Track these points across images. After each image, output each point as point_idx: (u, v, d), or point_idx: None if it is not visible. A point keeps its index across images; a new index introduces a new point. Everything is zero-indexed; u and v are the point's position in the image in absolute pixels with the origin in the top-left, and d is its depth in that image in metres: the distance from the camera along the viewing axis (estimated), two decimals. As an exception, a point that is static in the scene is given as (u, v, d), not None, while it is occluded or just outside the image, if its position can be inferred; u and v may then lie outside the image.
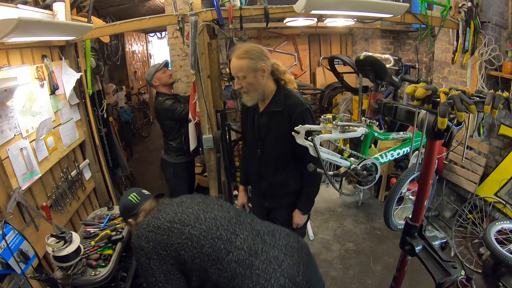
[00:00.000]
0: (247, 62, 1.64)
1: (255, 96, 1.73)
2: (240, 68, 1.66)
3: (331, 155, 2.43)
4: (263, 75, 1.69)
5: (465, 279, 1.24)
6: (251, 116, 1.87)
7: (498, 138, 2.83)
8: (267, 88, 1.75)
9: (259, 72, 1.67)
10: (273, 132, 1.79)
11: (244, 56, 1.65)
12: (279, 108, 1.74)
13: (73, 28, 1.93)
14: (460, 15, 2.74)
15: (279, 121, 1.76)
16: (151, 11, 5.15)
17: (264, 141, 1.83)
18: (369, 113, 2.52)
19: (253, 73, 1.66)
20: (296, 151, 1.77)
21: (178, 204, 1.29)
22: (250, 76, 1.66)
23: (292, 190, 1.90)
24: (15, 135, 1.62)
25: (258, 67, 1.66)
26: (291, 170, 1.86)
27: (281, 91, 1.77)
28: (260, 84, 1.70)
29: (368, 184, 2.56)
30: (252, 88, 1.70)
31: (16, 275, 1.39)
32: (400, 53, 4.32)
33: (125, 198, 1.44)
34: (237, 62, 1.66)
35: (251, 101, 1.75)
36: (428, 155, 1.26)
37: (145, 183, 4.30)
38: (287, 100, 1.75)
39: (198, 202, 1.31)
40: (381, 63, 2.31)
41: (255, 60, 1.65)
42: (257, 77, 1.68)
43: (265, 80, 1.71)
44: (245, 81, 1.67)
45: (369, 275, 2.61)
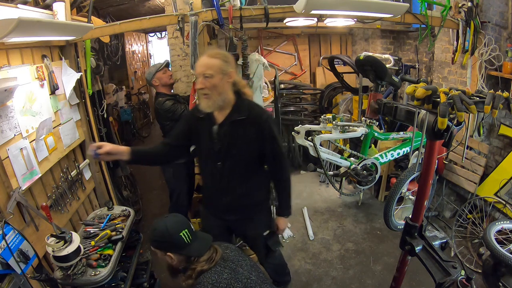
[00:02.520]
0: (219, 62, 1.59)
1: (216, 101, 1.63)
2: (211, 66, 1.58)
3: (331, 155, 2.44)
4: (229, 82, 1.64)
5: (465, 279, 1.24)
6: (206, 128, 1.74)
7: (498, 138, 2.83)
8: (228, 96, 1.68)
9: (226, 76, 1.62)
10: (238, 141, 1.70)
11: (217, 56, 1.61)
12: (243, 117, 1.67)
13: (73, 28, 1.93)
14: (460, 15, 2.74)
15: (244, 131, 1.69)
16: (151, 11, 5.15)
17: (228, 153, 1.72)
18: (369, 113, 2.53)
19: (221, 75, 1.60)
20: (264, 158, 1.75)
21: (235, 278, 1.34)
22: (217, 77, 1.59)
23: (258, 200, 1.88)
24: (15, 135, 1.62)
25: (227, 71, 1.61)
26: (256, 180, 1.82)
27: (243, 100, 1.72)
28: (223, 89, 1.63)
29: (368, 184, 2.57)
30: (215, 91, 1.61)
31: (16, 275, 1.39)
32: (400, 53, 4.32)
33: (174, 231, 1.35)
34: (208, 59, 1.60)
35: (210, 107, 1.65)
36: (428, 155, 1.26)
37: (145, 183, 4.30)
38: (251, 109, 1.71)
39: (248, 269, 1.41)
40: (381, 63, 2.32)
41: (226, 63, 1.61)
42: (223, 81, 1.61)
43: (228, 87, 1.66)
44: (211, 81, 1.59)
45: (369, 275, 2.62)
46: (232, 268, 1.36)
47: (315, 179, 4.29)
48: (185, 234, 1.36)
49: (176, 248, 1.36)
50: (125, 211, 2.08)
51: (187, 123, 1.83)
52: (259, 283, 1.39)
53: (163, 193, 3.94)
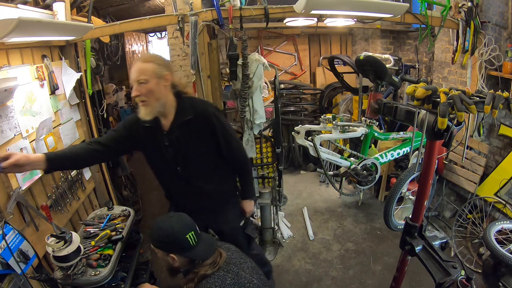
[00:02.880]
0: (152, 66, 1.53)
1: (155, 107, 1.56)
2: (144, 71, 1.51)
3: (331, 155, 2.44)
4: (165, 85, 1.57)
5: (465, 279, 1.24)
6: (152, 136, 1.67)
7: (498, 138, 2.83)
8: (168, 100, 1.61)
9: (162, 80, 1.55)
10: (192, 142, 1.67)
11: (150, 60, 1.55)
12: (190, 116, 1.63)
13: (73, 28, 1.93)
14: (460, 15, 2.74)
15: (195, 130, 1.65)
16: (151, 11, 5.15)
17: (184, 156, 1.69)
18: (369, 113, 2.53)
19: (156, 80, 1.53)
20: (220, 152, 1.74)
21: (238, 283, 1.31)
22: (152, 82, 1.52)
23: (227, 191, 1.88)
24: (15, 135, 1.62)
25: (162, 74, 1.54)
26: (220, 172, 1.80)
27: (184, 100, 1.66)
28: (161, 94, 1.56)
29: (368, 184, 2.57)
30: (152, 97, 1.54)
31: (16, 275, 1.39)
32: (400, 53, 4.32)
33: (181, 233, 1.31)
34: (142, 65, 1.53)
35: (150, 114, 1.57)
36: (428, 155, 1.26)
37: (145, 183, 4.30)
38: (195, 106, 1.66)
39: (250, 272, 1.40)
40: (381, 63, 2.32)
41: (161, 67, 1.55)
42: (159, 85, 1.54)
43: (166, 91, 1.59)
44: (146, 87, 1.51)
45: (369, 275, 2.62)
46: (235, 272, 1.33)
47: (315, 179, 4.29)
48: (191, 237, 1.32)
49: (181, 250, 1.32)
50: (125, 211, 2.08)
51: (129, 130, 1.70)
52: (260, 286, 1.38)
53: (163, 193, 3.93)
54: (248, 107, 2.52)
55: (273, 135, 3.04)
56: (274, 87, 2.67)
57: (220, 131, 1.68)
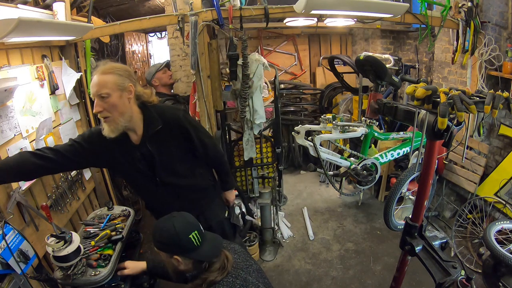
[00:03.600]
0: (113, 78, 1.40)
1: (119, 123, 1.45)
2: (104, 85, 1.39)
3: (331, 155, 2.44)
4: (129, 98, 1.46)
5: (465, 279, 1.24)
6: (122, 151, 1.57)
7: (498, 138, 2.83)
8: (133, 114, 1.49)
9: (126, 93, 1.44)
10: (167, 151, 1.61)
11: (110, 72, 1.41)
12: (160, 126, 1.55)
13: (73, 28, 1.93)
14: (460, 15, 2.74)
15: (167, 138, 1.58)
16: (151, 11, 5.15)
17: (161, 167, 1.62)
18: (369, 113, 2.53)
19: (119, 92, 1.41)
20: (196, 149, 1.69)
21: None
22: (114, 95, 1.40)
23: (206, 187, 1.84)
24: (15, 135, 1.62)
25: (125, 86, 1.43)
26: (197, 171, 1.76)
27: (150, 110, 1.55)
28: (125, 107, 1.45)
29: (368, 184, 2.57)
30: (116, 112, 1.42)
31: (16, 275, 1.39)
32: (400, 53, 4.32)
33: (184, 233, 1.24)
34: (102, 77, 1.40)
35: (114, 130, 1.46)
36: (428, 155, 1.26)
37: (145, 183, 4.30)
38: (162, 114, 1.57)
39: (256, 276, 1.36)
40: (381, 63, 2.32)
41: (123, 78, 1.43)
42: (122, 98, 1.43)
43: (130, 104, 1.48)
44: (108, 101, 1.40)
45: (369, 275, 2.62)
46: (243, 278, 1.27)
47: (315, 179, 4.29)
48: (195, 236, 1.25)
49: (184, 251, 1.25)
50: (125, 211, 2.07)
51: (91, 144, 1.56)
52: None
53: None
54: (248, 107, 2.52)
55: (273, 135, 3.04)
56: (274, 87, 2.68)
57: (194, 134, 1.64)
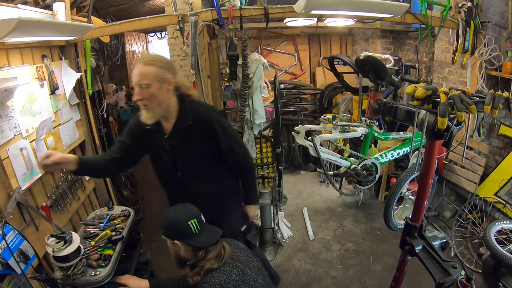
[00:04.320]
0: (154, 69, 1.46)
1: (157, 112, 1.53)
2: (146, 75, 1.45)
3: (331, 155, 2.44)
4: (168, 89, 1.52)
5: (465, 279, 1.24)
6: (154, 139, 1.65)
7: (498, 138, 2.83)
8: (170, 104, 1.56)
9: (165, 84, 1.49)
10: (192, 148, 1.64)
11: (152, 63, 1.47)
12: (190, 122, 1.59)
13: (73, 28, 1.93)
14: (460, 15, 2.74)
15: (195, 135, 1.61)
16: (151, 11, 5.15)
17: (184, 161, 1.66)
18: (369, 113, 2.53)
19: (159, 84, 1.47)
20: (222, 153, 1.69)
21: (243, 280, 1.32)
22: (154, 86, 1.46)
23: (227, 194, 1.83)
24: (15, 135, 1.62)
25: (165, 78, 1.48)
26: (219, 176, 1.77)
27: (186, 105, 1.61)
28: (163, 98, 1.51)
29: (368, 184, 2.57)
30: (154, 101, 1.50)
31: (16, 275, 1.39)
32: (400, 53, 4.32)
33: (183, 220, 1.35)
34: (143, 68, 1.46)
35: (152, 118, 1.54)
36: (428, 155, 1.26)
37: (145, 183, 4.29)
38: (196, 111, 1.61)
39: (256, 271, 1.41)
40: (381, 63, 2.32)
41: (163, 70, 1.48)
42: (161, 89, 1.49)
43: (169, 95, 1.54)
44: (148, 91, 1.46)
45: (369, 275, 2.61)
46: (240, 269, 1.34)
47: (315, 179, 4.28)
48: (193, 224, 1.35)
49: (183, 236, 1.36)
50: (125, 211, 2.07)
51: (134, 135, 1.69)
52: (265, 287, 1.39)
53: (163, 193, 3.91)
54: (248, 107, 2.52)
55: (273, 135, 3.04)
56: (274, 87, 2.67)
57: (222, 137, 1.64)
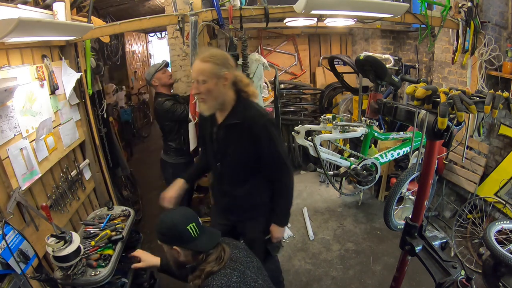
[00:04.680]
0: (210, 66, 1.54)
1: (212, 105, 1.62)
2: (202, 72, 1.54)
3: (331, 155, 2.44)
4: (225, 84, 1.59)
5: (465, 279, 1.24)
6: (209, 128, 1.75)
7: (498, 138, 2.83)
8: (227, 98, 1.63)
9: (221, 79, 1.56)
10: (233, 145, 1.68)
11: (208, 60, 1.55)
12: (238, 121, 1.63)
13: (73, 28, 1.93)
14: (460, 15, 2.74)
15: (239, 135, 1.65)
16: (151, 11, 5.15)
17: (224, 155, 1.72)
18: (369, 113, 2.53)
19: (215, 80, 1.55)
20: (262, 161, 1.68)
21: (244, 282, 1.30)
22: (211, 82, 1.55)
23: (257, 203, 1.81)
24: (15, 135, 1.62)
25: (221, 74, 1.55)
26: (254, 183, 1.77)
27: (240, 103, 1.66)
28: (219, 93, 1.59)
29: (368, 184, 2.57)
30: (210, 96, 1.58)
31: (16, 275, 1.39)
32: (400, 53, 4.32)
33: (181, 224, 1.32)
34: (200, 64, 1.55)
35: (208, 110, 1.64)
36: (428, 155, 1.26)
37: (145, 183, 4.30)
38: (246, 112, 1.64)
39: (256, 272, 1.39)
40: (381, 63, 2.32)
41: (219, 66, 1.55)
42: (218, 85, 1.56)
43: (225, 89, 1.60)
44: (204, 86, 1.55)
45: (369, 275, 2.61)
46: (241, 271, 1.33)
47: (315, 179, 4.28)
48: (192, 228, 1.32)
49: (182, 241, 1.33)
50: (125, 211, 2.08)
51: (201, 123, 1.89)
52: (265, 287, 1.38)
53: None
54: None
55: (273, 135, 3.03)
56: (274, 87, 2.68)
57: (266, 146, 1.63)
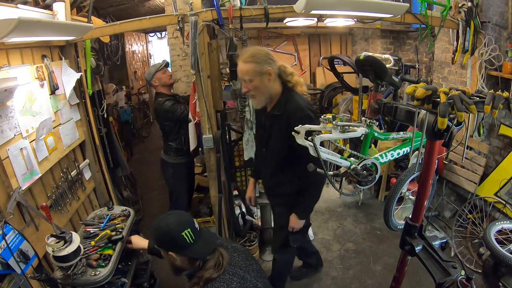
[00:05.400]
0: (253, 66, 1.68)
1: (262, 99, 1.78)
2: (247, 72, 1.69)
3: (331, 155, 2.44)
4: (270, 78, 1.73)
5: (465, 279, 1.24)
6: (260, 115, 1.94)
7: (498, 138, 2.83)
8: (273, 90, 1.78)
9: (265, 75, 1.70)
10: (274, 134, 1.83)
11: (249, 60, 1.69)
12: (279, 113, 1.76)
13: (73, 28, 1.93)
14: (460, 15, 2.74)
15: (278, 126, 1.78)
16: (151, 11, 5.15)
17: (268, 141, 1.89)
18: (369, 113, 2.52)
19: (259, 77, 1.69)
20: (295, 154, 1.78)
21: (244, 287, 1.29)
22: (256, 80, 1.70)
23: (287, 192, 1.94)
24: (15, 135, 1.62)
25: (264, 71, 1.69)
26: (287, 172, 1.89)
27: (284, 94, 1.78)
28: (266, 88, 1.74)
29: (368, 184, 2.56)
30: (258, 92, 1.74)
31: (16, 275, 1.39)
32: (400, 53, 4.32)
33: (176, 231, 1.28)
34: (243, 66, 1.70)
35: (258, 104, 1.81)
36: (428, 155, 1.26)
37: (145, 183, 4.30)
38: (287, 104, 1.76)
39: (255, 276, 1.39)
40: (381, 63, 2.31)
41: (261, 64, 1.68)
42: (263, 81, 1.71)
43: (271, 83, 1.75)
44: (252, 84, 1.71)
45: (369, 275, 2.62)
46: (240, 276, 1.30)
47: (315, 179, 4.28)
48: (188, 234, 1.28)
49: (178, 248, 1.30)
50: (125, 211, 2.08)
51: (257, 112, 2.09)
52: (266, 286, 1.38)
53: (163, 193, 3.94)
54: (248, 107, 2.52)
55: (273, 135, 3.04)
56: (274, 87, 2.67)
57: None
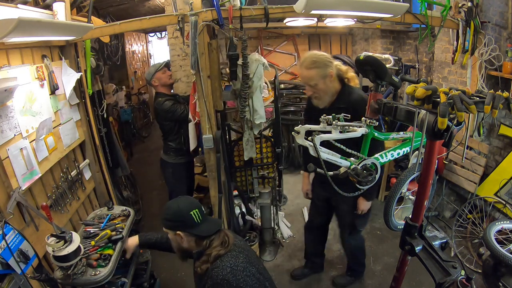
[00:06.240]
0: (316, 71, 1.83)
1: (326, 99, 1.93)
2: (311, 78, 1.85)
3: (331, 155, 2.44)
4: (331, 80, 1.88)
5: (465, 279, 1.24)
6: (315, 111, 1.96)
7: (498, 138, 2.83)
8: (334, 89, 1.94)
9: (328, 78, 1.86)
10: None
11: (312, 66, 1.84)
12: (343, 105, 1.86)
13: (73, 28, 1.93)
14: (460, 15, 2.74)
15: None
16: (151, 11, 5.15)
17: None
18: (369, 113, 2.52)
19: (323, 80, 1.85)
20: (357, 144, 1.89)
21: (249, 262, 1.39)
22: (320, 83, 1.85)
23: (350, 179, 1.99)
24: (15, 135, 1.62)
25: (326, 74, 1.85)
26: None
27: (345, 90, 1.94)
28: (329, 88, 1.90)
29: (368, 184, 2.56)
30: (323, 93, 1.90)
31: (16, 275, 1.39)
32: (400, 53, 4.32)
33: (186, 210, 1.42)
34: (307, 72, 1.86)
35: (323, 104, 1.94)
36: (428, 155, 1.26)
37: (145, 183, 4.30)
38: (350, 97, 1.91)
39: (255, 257, 1.50)
40: (381, 63, 2.31)
41: (323, 68, 1.83)
42: (326, 83, 1.87)
43: (333, 83, 1.91)
44: (317, 88, 1.88)
45: (369, 275, 2.62)
46: (245, 254, 1.42)
47: (315, 179, 4.28)
48: (196, 214, 1.42)
49: (186, 226, 1.42)
50: (125, 211, 2.08)
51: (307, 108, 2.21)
52: (265, 273, 1.46)
53: (163, 193, 3.95)
54: (248, 107, 2.52)
55: (273, 135, 3.04)
56: (274, 87, 2.67)
57: None
